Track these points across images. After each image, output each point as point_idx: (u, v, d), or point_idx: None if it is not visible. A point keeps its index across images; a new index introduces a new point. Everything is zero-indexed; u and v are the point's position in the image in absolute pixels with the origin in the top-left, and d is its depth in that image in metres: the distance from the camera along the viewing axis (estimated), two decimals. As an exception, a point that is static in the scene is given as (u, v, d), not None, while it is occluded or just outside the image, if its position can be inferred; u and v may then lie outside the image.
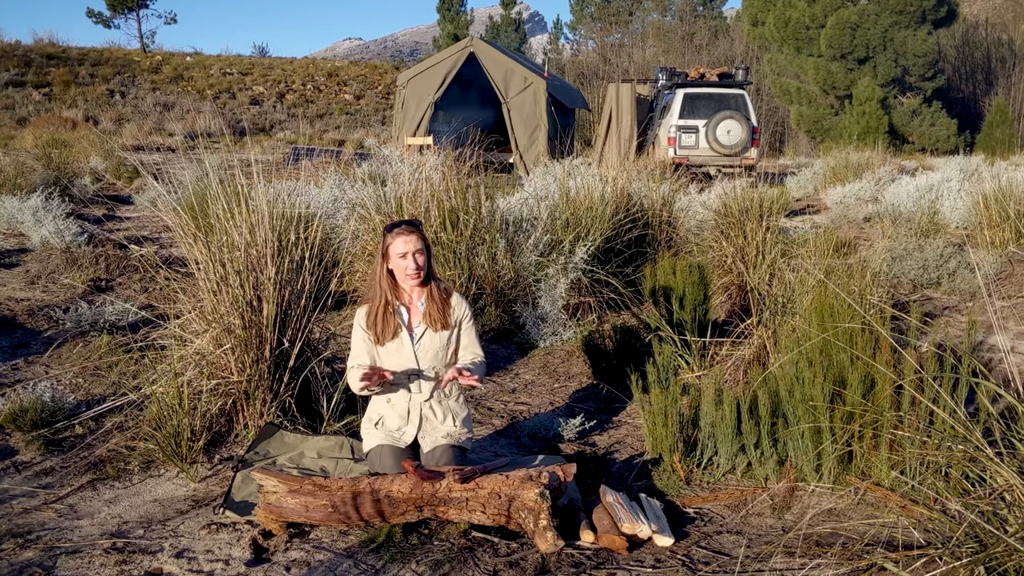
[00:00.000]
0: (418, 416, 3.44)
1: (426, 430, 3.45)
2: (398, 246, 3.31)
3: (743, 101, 15.74)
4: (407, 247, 3.30)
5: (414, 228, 3.35)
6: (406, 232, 3.32)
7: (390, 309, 3.38)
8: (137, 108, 31.02)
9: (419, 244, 3.33)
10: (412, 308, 3.43)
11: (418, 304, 3.43)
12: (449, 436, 3.43)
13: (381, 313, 3.37)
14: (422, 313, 3.41)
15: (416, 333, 3.40)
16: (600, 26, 49.07)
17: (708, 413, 3.61)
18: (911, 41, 27.44)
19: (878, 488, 3.35)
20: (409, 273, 3.33)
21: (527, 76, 17.12)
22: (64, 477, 3.61)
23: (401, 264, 3.33)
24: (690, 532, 3.17)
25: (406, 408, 3.44)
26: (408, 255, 3.30)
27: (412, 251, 3.30)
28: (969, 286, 6.97)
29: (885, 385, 3.32)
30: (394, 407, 3.45)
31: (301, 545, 3.03)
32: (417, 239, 3.33)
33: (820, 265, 4.74)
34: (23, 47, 36.81)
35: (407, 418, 3.44)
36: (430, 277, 3.43)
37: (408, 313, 3.43)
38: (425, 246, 3.37)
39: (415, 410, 3.44)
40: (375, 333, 3.38)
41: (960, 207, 10.18)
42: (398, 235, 3.32)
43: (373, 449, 3.42)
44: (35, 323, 5.73)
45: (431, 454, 3.38)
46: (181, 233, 4.14)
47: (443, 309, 3.41)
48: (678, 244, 7.29)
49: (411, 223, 3.38)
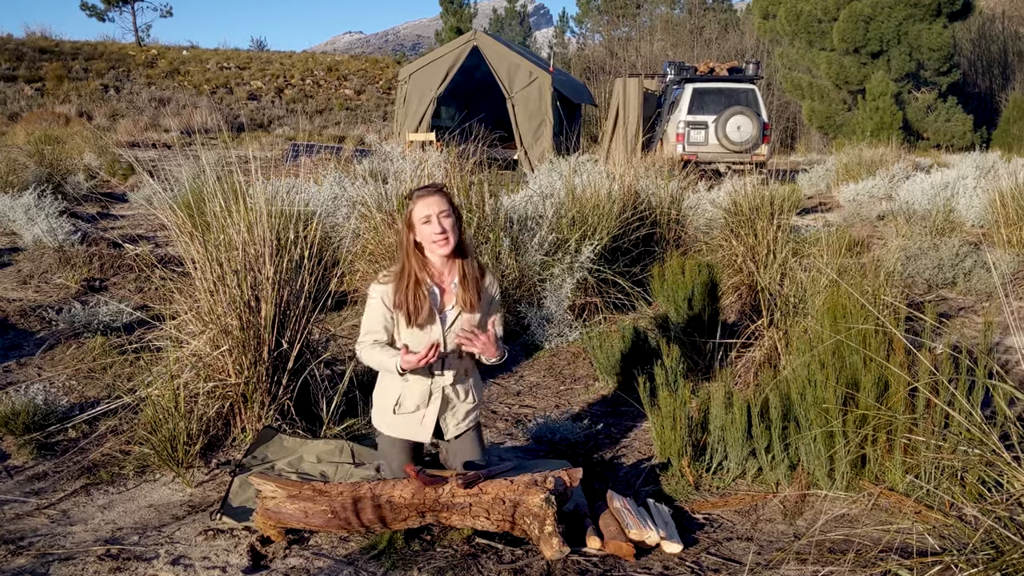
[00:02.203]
0: (440, 398, 3.28)
1: (447, 413, 3.33)
2: (420, 209, 3.08)
3: (754, 96, 15.73)
4: (430, 209, 3.07)
5: (437, 189, 3.12)
6: (428, 194, 3.10)
7: (422, 288, 3.15)
8: (132, 103, 31.09)
9: (444, 205, 3.08)
10: (445, 288, 3.22)
11: (451, 285, 3.21)
12: (468, 415, 3.35)
13: (412, 291, 3.13)
14: (455, 294, 3.20)
15: (448, 316, 3.21)
16: (607, 19, 49.09)
17: (718, 416, 3.60)
18: (926, 35, 27.37)
19: (892, 493, 3.35)
20: (436, 240, 3.08)
21: (532, 71, 17.13)
22: (57, 482, 3.61)
23: (427, 231, 3.09)
24: (699, 538, 3.17)
25: (427, 390, 3.27)
26: (432, 218, 3.06)
27: (436, 213, 3.06)
28: (985, 286, 6.95)
29: (899, 387, 3.32)
30: (412, 387, 3.27)
31: (300, 552, 3.03)
32: (441, 200, 3.09)
33: (832, 264, 4.74)
34: (15, 41, 36.94)
35: (428, 400, 3.28)
36: (462, 248, 3.19)
37: (441, 294, 3.22)
38: (452, 210, 3.12)
39: (437, 392, 3.28)
40: (406, 313, 3.14)
41: (976, 205, 10.16)
42: (419, 198, 3.10)
43: (386, 439, 3.35)
44: (27, 324, 5.74)
45: (455, 443, 3.34)
46: (177, 232, 4.14)
47: (479, 289, 3.21)
48: (687, 243, 7.29)
49: (433, 184, 3.19)
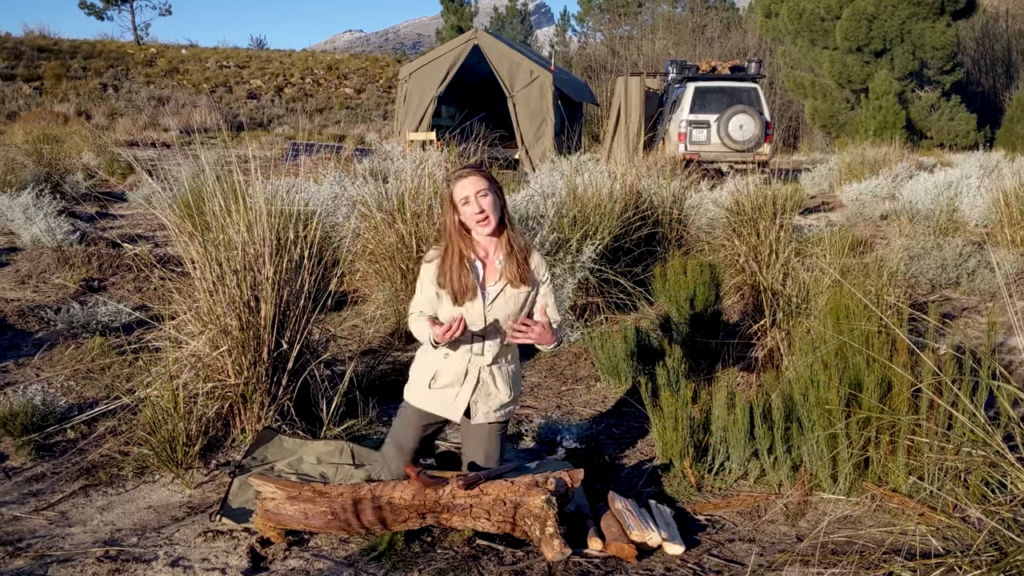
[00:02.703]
0: (475, 379, 3.30)
1: (480, 395, 3.33)
2: (459, 191, 3.16)
3: (756, 95, 15.71)
4: (467, 190, 3.14)
5: (475, 169, 3.19)
6: (466, 174, 3.17)
7: (465, 263, 3.20)
8: (131, 102, 31.13)
9: (481, 184, 3.15)
10: (488, 264, 3.27)
11: (495, 260, 3.26)
12: (502, 408, 3.35)
13: (456, 267, 3.19)
14: (499, 270, 3.24)
15: (490, 292, 3.24)
16: (608, 18, 49.11)
17: (720, 417, 3.60)
18: (929, 33, 27.35)
19: (895, 495, 3.35)
20: (478, 219, 3.15)
21: (533, 69, 17.13)
22: (55, 483, 3.61)
23: (467, 212, 3.16)
24: (701, 540, 3.17)
25: (464, 368, 3.30)
26: (471, 199, 3.13)
27: (473, 192, 3.13)
28: (989, 286, 6.95)
29: (902, 388, 3.32)
30: (451, 363, 3.31)
31: (300, 553, 3.03)
32: (479, 179, 3.15)
33: (835, 264, 4.74)
34: (13, 39, 36.96)
35: (463, 379, 3.30)
36: (504, 225, 3.24)
37: (483, 268, 3.26)
38: (492, 188, 3.19)
39: (473, 371, 3.30)
40: (452, 291, 3.20)
41: (980, 204, 10.16)
42: (458, 179, 3.17)
43: (408, 413, 3.36)
44: (25, 324, 5.75)
45: (479, 430, 3.33)
46: (176, 231, 4.14)
47: (525, 265, 3.24)
48: (689, 243, 7.29)
49: (471, 164, 3.25)
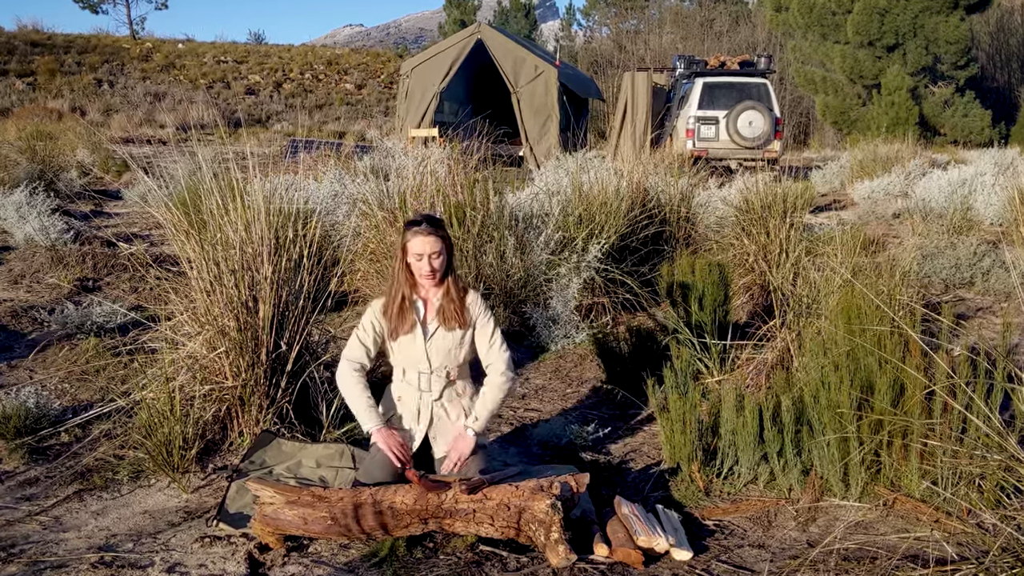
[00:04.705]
0: (428, 415, 3.50)
1: (438, 430, 3.50)
2: (415, 246, 3.35)
3: (765, 91, 15.69)
4: (423, 248, 3.34)
5: (433, 230, 3.36)
6: (424, 233, 3.34)
7: (407, 303, 3.43)
8: (126, 98, 31.17)
9: (437, 246, 3.35)
10: (429, 303, 3.48)
11: (434, 300, 3.47)
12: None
13: (398, 306, 3.42)
14: (436, 310, 3.45)
15: (429, 330, 3.44)
16: (615, 12, 49.10)
17: (729, 420, 3.60)
18: (943, 27, 27.30)
19: (908, 500, 3.34)
20: (424, 274, 3.38)
21: (538, 64, 17.12)
22: (49, 487, 3.62)
23: (417, 264, 3.38)
24: (710, 546, 3.17)
25: (416, 407, 3.51)
26: (424, 258, 3.34)
27: (428, 253, 3.34)
28: (1004, 286, 6.94)
29: (915, 391, 3.31)
30: (404, 405, 3.53)
31: (299, 559, 3.03)
32: (435, 241, 3.35)
33: (847, 264, 4.73)
34: (6, 34, 37.03)
35: (418, 417, 3.50)
36: (448, 275, 3.47)
37: (424, 308, 3.47)
38: (445, 247, 3.40)
39: (425, 409, 3.50)
40: (391, 325, 3.43)
41: (995, 203, 10.15)
42: (416, 234, 3.35)
43: (373, 446, 3.44)
44: (19, 325, 5.76)
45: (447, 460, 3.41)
46: (172, 230, 4.14)
47: (459, 307, 3.44)
48: (697, 242, 7.28)
49: (432, 222, 3.39)
